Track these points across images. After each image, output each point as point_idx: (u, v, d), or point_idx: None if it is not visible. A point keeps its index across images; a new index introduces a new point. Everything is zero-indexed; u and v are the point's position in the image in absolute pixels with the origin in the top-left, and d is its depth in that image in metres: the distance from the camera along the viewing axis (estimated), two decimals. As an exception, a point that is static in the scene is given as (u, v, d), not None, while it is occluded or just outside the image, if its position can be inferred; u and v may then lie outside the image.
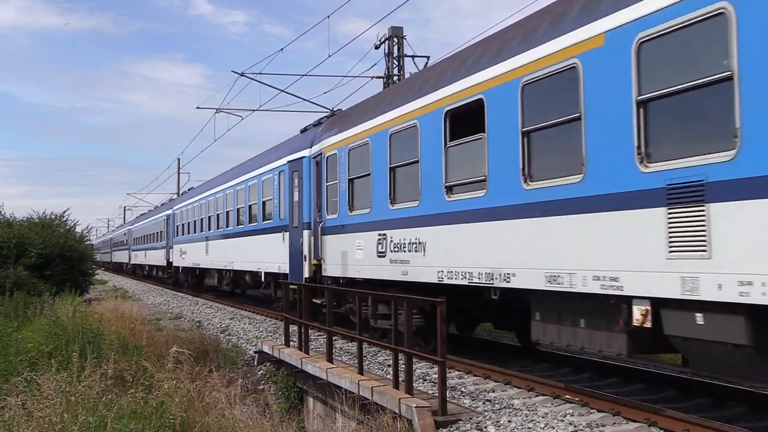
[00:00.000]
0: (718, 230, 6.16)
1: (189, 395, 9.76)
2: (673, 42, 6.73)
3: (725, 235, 6.11)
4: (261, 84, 26.31)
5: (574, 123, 7.95)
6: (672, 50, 6.77)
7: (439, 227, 10.70)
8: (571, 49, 8.01)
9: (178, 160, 60.25)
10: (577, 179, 7.88)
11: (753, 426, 7.34)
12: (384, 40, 25.67)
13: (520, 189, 8.82)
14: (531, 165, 8.75)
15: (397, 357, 9.42)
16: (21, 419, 8.33)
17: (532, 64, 8.66)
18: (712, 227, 6.21)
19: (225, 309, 25.84)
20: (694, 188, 6.40)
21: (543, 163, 8.70)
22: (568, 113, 8.02)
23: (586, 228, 7.76)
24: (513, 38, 9.43)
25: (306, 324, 13.21)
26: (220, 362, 14.42)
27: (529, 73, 8.69)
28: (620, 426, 7.71)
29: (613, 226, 7.36)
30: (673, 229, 6.60)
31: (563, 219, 8.10)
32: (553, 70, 8.30)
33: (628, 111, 7.16)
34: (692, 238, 6.40)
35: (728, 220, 6.08)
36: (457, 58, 11.26)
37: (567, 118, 8.07)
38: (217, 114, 32.22)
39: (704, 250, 6.28)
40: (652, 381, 9.66)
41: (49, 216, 34.18)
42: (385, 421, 8.43)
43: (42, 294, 24.54)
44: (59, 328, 14.44)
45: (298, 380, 12.81)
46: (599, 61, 7.61)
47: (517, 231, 8.90)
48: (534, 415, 8.24)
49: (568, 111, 8.04)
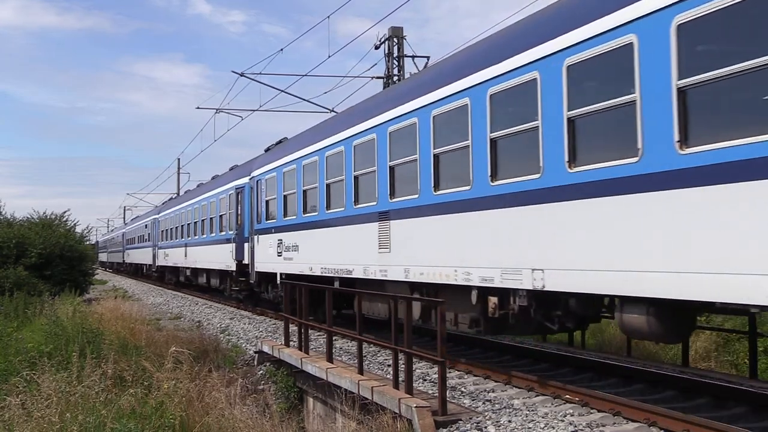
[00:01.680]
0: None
1: (189, 395, 9.75)
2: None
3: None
4: (261, 84, 26.37)
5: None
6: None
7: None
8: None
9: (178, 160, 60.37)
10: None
11: (753, 426, 7.33)
12: (384, 41, 25.65)
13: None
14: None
15: (397, 357, 9.41)
16: (20, 419, 8.33)
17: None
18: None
19: (225, 309, 25.83)
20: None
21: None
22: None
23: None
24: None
25: (306, 324, 13.21)
26: (219, 362, 14.42)
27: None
28: (620, 426, 7.70)
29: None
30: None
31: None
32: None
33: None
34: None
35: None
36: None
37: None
38: (217, 114, 32.27)
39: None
40: (652, 381, 9.64)
41: (49, 216, 34.21)
42: (385, 421, 8.43)
43: (42, 294, 24.57)
44: (59, 328, 14.44)
45: (298, 380, 12.80)
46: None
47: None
48: (534, 415, 8.24)
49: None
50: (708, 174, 6.25)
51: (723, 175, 6.12)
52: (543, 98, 8.38)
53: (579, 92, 7.89)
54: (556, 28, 8.36)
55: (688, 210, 6.46)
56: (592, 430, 7.56)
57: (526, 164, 8.63)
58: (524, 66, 8.73)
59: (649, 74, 6.92)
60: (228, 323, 20.89)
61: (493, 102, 9.35)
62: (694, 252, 6.42)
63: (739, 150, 5.98)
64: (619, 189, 7.24)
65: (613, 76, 7.46)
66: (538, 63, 8.49)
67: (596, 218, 7.59)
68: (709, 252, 6.26)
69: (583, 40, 7.78)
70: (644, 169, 6.95)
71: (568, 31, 8.06)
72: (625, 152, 7.15)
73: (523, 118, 8.73)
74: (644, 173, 6.95)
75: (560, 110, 8.09)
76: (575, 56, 7.90)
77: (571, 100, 7.94)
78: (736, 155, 6.01)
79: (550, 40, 8.32)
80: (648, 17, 6.93)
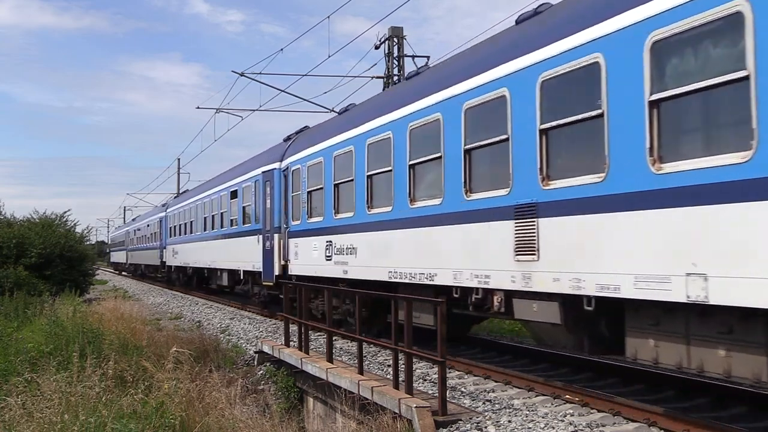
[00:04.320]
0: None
1: (189, 395, 9.76)
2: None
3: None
4: (261, 84, 26.33)
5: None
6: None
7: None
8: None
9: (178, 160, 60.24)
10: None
11: (753, 426, 7.34)
12: (384, 40, 25.66)
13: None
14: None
15: (397, 357, 9.41)
16: (21, 419, 8.34)
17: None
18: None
19: (225, 309, 25.83)
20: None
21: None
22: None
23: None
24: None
25: (306, 324, 13.21)
26: (220, 362, 14.42)
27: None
28: (620, 426, 7.71)
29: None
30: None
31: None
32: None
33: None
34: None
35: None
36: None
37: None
38: (217, 114, 32.18)
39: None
40: (652, 381, 9.65)
41: (49, 216, 34.20)
42: (385, 421, 8.43)
43: (42, 294, 24.57)
44: (59, 328, 14.43)
45: (298, 380, 12.81)
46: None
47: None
48: (534, 415, 8.24)
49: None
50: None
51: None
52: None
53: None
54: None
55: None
56: (592, 430, 7.57)
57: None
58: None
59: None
60: (228, 323, 20.90)
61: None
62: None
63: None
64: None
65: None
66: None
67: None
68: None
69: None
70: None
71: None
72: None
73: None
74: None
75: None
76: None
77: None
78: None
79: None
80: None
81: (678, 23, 6.61)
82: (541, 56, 8.52)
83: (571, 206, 7.99)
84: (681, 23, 6.58)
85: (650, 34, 6.92)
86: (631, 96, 7.14)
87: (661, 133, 6.90)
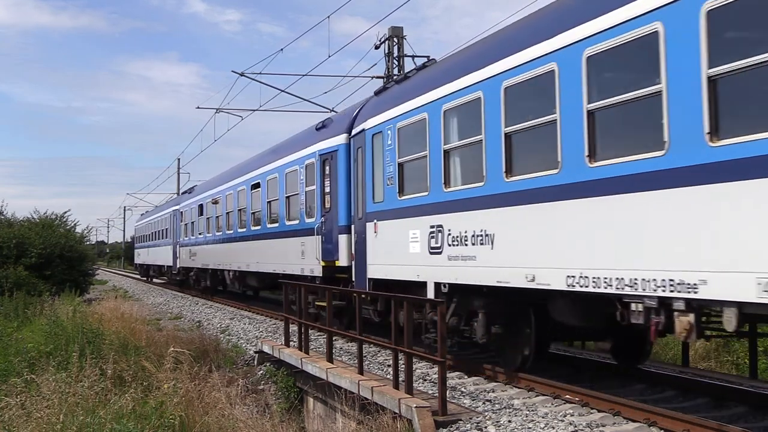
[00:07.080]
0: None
1: (189, 395, 9.75)
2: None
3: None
4: (261, 84, 26.29)
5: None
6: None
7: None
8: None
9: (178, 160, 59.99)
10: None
11: (753, 426, 7.34)
12: (384, 40, 25.64)
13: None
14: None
15: (397, 357, 9.41)
16: (20, 419, 8.33)
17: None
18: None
19: (225, 309, 25.83)
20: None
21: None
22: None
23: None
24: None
25: (306, 324, 13.21)
26: (220, 362, 14.41)
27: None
28: (620, 426, 7.70)
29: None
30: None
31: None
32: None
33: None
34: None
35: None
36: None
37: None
38: (216, 114, 32.16)
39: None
40: (652, 381, 9.65)
41: (49, 216, 34.21)
42: (385, 421, 8.43)
43: (42, 294, 24.57)
44: (59, 328, 14.43)
45: (298, 380, 12.80)
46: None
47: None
48: (534, 415, 8.23)
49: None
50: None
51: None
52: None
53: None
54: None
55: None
56: (592, 430, 7.56)
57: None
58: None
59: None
60: (228, 323, 20.89)
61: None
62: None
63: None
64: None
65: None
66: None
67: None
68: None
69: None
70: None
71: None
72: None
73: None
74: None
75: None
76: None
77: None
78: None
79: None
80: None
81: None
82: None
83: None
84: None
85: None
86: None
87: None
